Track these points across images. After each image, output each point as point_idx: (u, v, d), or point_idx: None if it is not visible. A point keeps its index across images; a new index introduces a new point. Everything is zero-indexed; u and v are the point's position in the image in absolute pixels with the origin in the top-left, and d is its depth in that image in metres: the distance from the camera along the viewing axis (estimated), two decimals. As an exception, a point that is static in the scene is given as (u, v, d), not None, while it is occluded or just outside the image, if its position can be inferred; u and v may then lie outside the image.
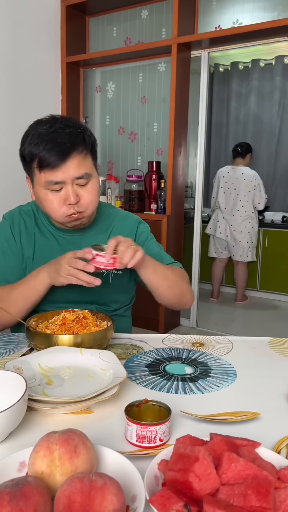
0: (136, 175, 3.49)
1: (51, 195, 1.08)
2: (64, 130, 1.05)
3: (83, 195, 1.10)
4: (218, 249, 4.24)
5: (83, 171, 1.07)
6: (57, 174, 1.05)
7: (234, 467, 0.52)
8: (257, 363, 1.01)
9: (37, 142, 1.04)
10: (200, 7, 3.25)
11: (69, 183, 1.07)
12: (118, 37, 3.67)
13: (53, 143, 1.03)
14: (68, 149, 1.04)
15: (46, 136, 1.04)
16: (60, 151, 1.03)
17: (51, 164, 1.04)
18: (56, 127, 1.05)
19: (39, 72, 3.46)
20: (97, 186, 1.13)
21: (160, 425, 0.66)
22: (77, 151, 1.06)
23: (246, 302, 4.34)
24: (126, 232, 1.27)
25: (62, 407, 0.74)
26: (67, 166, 1.05)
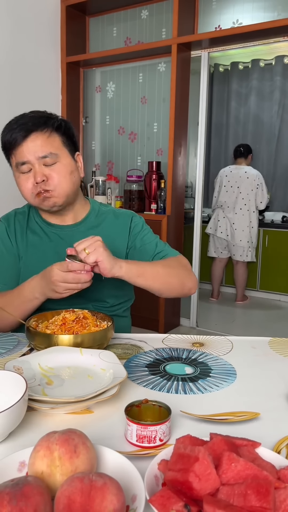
0: (136, 175, 3.49)
1: (22, 177, 1.14)
2: (28, 115, 1.14)
3: (50, 174, 1.13)
4: (218, 249, 4.24)
5: (47, 150, 1.11)
6: (22, 154, 1.10)
7: (234, 467, 0.52)
8: (257, 363, 1.01)
9: (6, 129, 1.13)
10: (200, 7, 3.25)
11: (35, 162, 1.11)
12: (118, 37, 3.67)
13: (17, 125, 1.11)
14: (29, 127, 1.10)
15: (14, 121, 1.13)
16: (21, 129, 1.10)
17: (13, 142, 1.11)
18: (24, 114, 1.14)
19: (39, 72, 3.46)
20: (66, 169, 1.15)
21: (160, 425, 0.66)
22: (39, 130, 1.11)
23: (246, 302, 4.34)
24: (118, 229, 1.29)
25: (62, 407, 0.74)
26: (28, 144, 1.10)
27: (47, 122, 1.13)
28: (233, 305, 4.30)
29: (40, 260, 1.20)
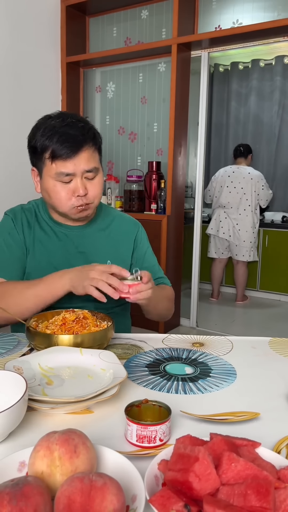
0: (136, 175, 3.49)
1: (60, 187, 1.12)
2: (77, 124, 1.11)
3: (90, 188, 1.14)
4: (219, 250, 4.23)
5: (92, 164, 1.12)
6: (69, 166, 1.09)
7: (234, 467, 0.52)
8: (257, 363, 1.01)
9: (50, 134, 1.09)
10: (200, 7, 3.25)
11: (79, 175, 1.11)
12: (118, 37, 3.67)
13: (66, 136, 1.08)
14: (81, 142, 1.09)
15: (60, 129, 1.09)
16: (73, 143, 1.08)
17: (63, 156, 1.08)
18: (68, 121, 1.11)
19: (39, 72, 3.46)
20: (102, 181, 1.19)
21: (160, 425, 0.66)
22: (88, 145, 1.11)
23: (246, 302, 4.34)
24: (124, 234, 1.31)
25: (62, 407, 0.74)
26: (79, 158, 1.09)
27: (95, 136, 1.14)
28: (233, 305, 4.30)
29: (47, 258, 1.22)
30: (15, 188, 3.25)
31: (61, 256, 1.22)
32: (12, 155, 3.28)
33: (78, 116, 1.16)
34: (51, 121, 1.11)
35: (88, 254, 1.24)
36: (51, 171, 1.11)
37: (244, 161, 4.07)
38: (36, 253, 1.22)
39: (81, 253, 1.24)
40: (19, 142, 3.39)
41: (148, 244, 1.37)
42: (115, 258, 1.26)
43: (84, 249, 1.25)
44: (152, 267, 1.34)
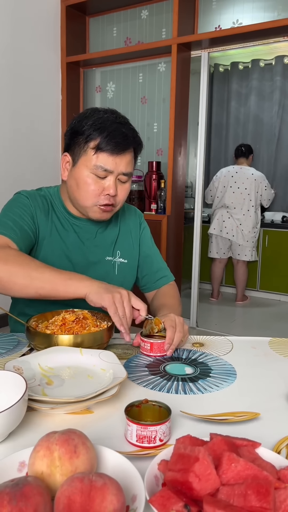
0: (136, 175, 3.49)
1: (93, 180, 1.11)
2: (129, 125, 1.12)
3: (119, 191, 1.14)
4: (220, 250, 4.23)
5: (130, 169, 1.13)
6: (111, 162, 1.09)
7: (234, 467, 0.52)
8: (257, 363, 1.01)
9: (101, 126, 1.07)
10: (200, 7, 3.25)
11: (115, 175, 1.11)
12: (118, 37, 3.67)
13: (119, 132, 1.08)
14: (129, 143, 1.10)
15: (113, 124, 1.08)
16: (123, 140, 1.08)
17: (109, 150, 1.07)
18: (121, 120, 1.11)
19: (39, 72, 3.46)
20: (129, 188, 1.19)
21: (160, 425, 0.66)
22: (132, 149, 1.12)
23: (246, 302, 4.34)
24: (132, 220, 1.35)
25: (62, 407, 0.74)
26: (122, 158, 1.09)
27: (140, 142, 1.14)
28: (233, 305, 4.30)
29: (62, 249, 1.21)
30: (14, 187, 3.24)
31: (76, 249, 1.22)
32: (12, 154, 3.28)
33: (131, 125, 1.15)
34: (103, 113, 1.10)
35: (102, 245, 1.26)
36: (90, 162, 1.09)
37: (245, 161, 4.07)
38: (53, 242, 1.19)
39: (96, 246, 1.25)
40: (19, 142, 3.41)
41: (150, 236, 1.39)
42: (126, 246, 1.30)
43: (98, 242, 1.26)
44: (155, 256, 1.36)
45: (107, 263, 1.26)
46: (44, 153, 3.52)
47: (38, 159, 3.45)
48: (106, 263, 1.26)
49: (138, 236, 1.34)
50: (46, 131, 3.53)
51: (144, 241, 1.36)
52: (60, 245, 1.21)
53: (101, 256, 1.26)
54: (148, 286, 1.37)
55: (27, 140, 3.39)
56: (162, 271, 1.37)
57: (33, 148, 3.42)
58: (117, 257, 1.28)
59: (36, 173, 3.39)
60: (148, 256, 1.35)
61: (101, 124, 1.08)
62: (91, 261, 1.24)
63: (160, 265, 1.37)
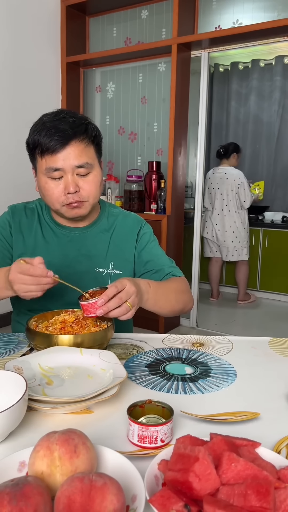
0: (136, 175, 3.49)
1: (51, 183, 1.10)
2: (67, 119, 1.08)
3: (83, 185, 1.11)
4: (212, 249, 4.25)
5: (83, 160, 1.08)
6: (57, 161, 1.06)
7: (234, 467, 0.52)
8: (257, 363, 1.01)
9: (40, 129, 1.07)
10: (200, 7, 3.25)
11: (69, 171, 1.08)
12: (118, 37, 3.67)
13: (55, 129, 1.06)
14: (69, 135, 1.06)
15: (49, 123, 1.07)
16: (61, 136, 1.05)
17: (50, 149, 1.06)
18: (61, 116, 1.08)
19: (39, 72, 3.46)
20: (98, 179, 1.14)
21: (162, 426, 0.66)
22: (78, 139, 1.07)
23: (249, 301, 4.31)
24: (128, 231, 1.28)
25: (62, 407, 0.74)
26: (67, 152, 1.06)
27: (87, 130, 1.10)
28: (233, 305, 4.30)
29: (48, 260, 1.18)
30: (14, 188, 3.24)
31: (63, 259, 1.21)
32: (12, 155, 3.28)
33: (75, 113, 1.13)
34: (44, 117, 1.10)
35: (91, 256, 1.23)
36: (42, 167, 1.09)
37: (227, 161, 4.03)
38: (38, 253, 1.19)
39: (84, 256, 1.22)
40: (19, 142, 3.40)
41: (152, 238, 1.31)
42: (119, 258, 1.25)
43: (87, 252, 1.23)
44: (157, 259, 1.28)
45: (98, 275, 1.23)
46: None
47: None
48: (96, 274, 1.22)
49: (134, 246, 1.27)
50: (46, 131, 3.54)
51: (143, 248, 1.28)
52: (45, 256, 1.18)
53: (89, 267, 1.22)
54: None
55: (27, 140, 3.39)
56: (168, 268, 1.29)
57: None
58: (111, 268, 1.24)
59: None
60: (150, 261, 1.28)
61: (40, 127, 1.08)
62: (79, 271, 1.20)
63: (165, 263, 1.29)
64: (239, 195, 3.96)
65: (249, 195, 3.96)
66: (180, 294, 1.23)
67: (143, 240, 1.29)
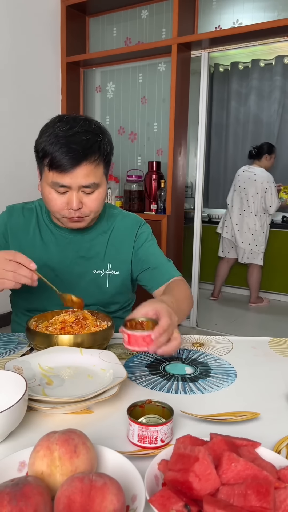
0: (136, 175, 3.49)
1: (55, 195, 1.09)
2: (81, 136, 1.04)
3: (86, 202, 1.10)
4: (225, 249, 4.22)
5: (91, 180, 1.07)
6: (65, 179, 1.05)
7: (234, 467, 0.52)
8: (257, 363, 1.01)
9: (53, 142, 1.04)
10: (200, 7, 3.25)
11: (75, 189, 1.07)
12: (118, 37, 3.67)
13: (67, 147, 1.03)
14: (81, 156, 1.03)
15: (62, 139, 1.03)
16: (72, 156, 1.03)
17: (60, 167, 1.04)
18: (75, 131, 1.04)
19: (39, 72, 3.46)
20: (102, 196, 1.14)
21: (162, 426, 0.66)
22: (89, 160, 1.05)
23: (261, 304, 4.24)
24: (126, 232, 1.27)
25: (62, 407, 0.74)
26: (76, 173, 1.05)
27: (99, 149, 1.07)
28: (233, 305, 4.30)
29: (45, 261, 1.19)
30: (15, 188, 3.24)
31: (60, 261, 1.21)
32: (13, 154, 3.28)
33: (91, 124, 1.08)
34: (58, 126, 1.05)
35: (89, 258, 1.23)
36: (48, 179, 1.08)
37: (258, 162, 3.97)
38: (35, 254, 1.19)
39: (82, 258, 1.22)
40: (20, 142, 3.41)
41: (149, 238, 1.30)
42: (117, 259, 1.25)
43: (85, 254, 1.23)
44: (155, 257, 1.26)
45: (95, 276, 1.22)
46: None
47: (38, 159, 3.45)
48: (94, 276, 1.22)
49: (132, 246, 1.26)
50: (46, 131, 3.54)
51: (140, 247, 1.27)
52: (43, 257, 1.19)
53: (87, 268, 1.22)
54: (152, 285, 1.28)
55: (27, 140, 3.38)
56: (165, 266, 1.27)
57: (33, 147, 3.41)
58: (108, 269, 1.24)
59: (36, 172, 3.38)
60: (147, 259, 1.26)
61: (53, 138, 1.04)
62: (76, 273, 1.21)
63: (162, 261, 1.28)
64: (265, 200, 3.89)
65: (276, 201, 3.89)
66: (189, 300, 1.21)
67: (140, 238, 1.28)
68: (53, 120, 1.09)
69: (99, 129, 1.10)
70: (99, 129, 1.10)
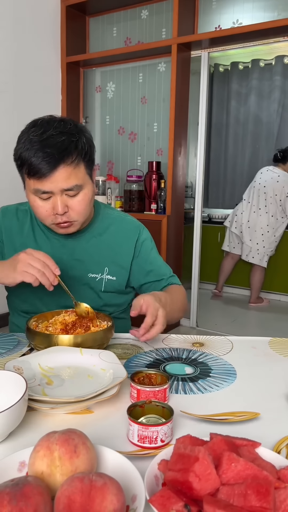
0: (136, 175, 3.49)
1: (40, 202, 1.07)
2: (56, 139, 1.01)
3: (72, 205, 1.07)
4: (230, 243, 4.21)
5: (72, 182, 1.04)
6: (45, 184, 1.02)
7: (234, 467, 0.52)
8: (257, 363, 1.01)
9: (28, 147, 1.01)
10: (200, 7, 3.25)
11: (58, 193, 1.04)
12: (118, 37, 3.67)
13: (42, 152, 0.99)
14: (57, 160, 1.00)
15: (37, 144, 1.00)
16: (48, 161, 0.99)
17: (38, 173, 1.01)
18: (49, 134, 1.01)
19: (39, 72, 3.46)
20: (88, 197, 1.10)
21: (162, 426, 0.66)
22: (67, 162, 1.01)
23: (261, 304, 4.24)
24: (124, 237, 1.25)
25: (62, 407, 0.74)
26: (55, 177, 1.01)
27: (76, 148, 1.03)
28: (233, 305, 4.30)
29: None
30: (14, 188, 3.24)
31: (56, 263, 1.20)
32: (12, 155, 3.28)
33: (66, 125, 1.04)
34: (32, 131, 1.02)
35: (84, 261, 1.21)
36: (30, 186, 1.05)
37: (283, 166, 3.93)
38: None
39: (77, 261, 1.21)
40: (19, 142, 3.40)
41: (152, 246, 1.30)
42: (114, 264, 1.23)
43: (80, 257, 1.21)
44: (159, 268, 1.28)
45: (91, 280, 1.21)
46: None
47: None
48: (89, 279, 1.21)
49: (132, 254, 1.25)
50: (46, 131, 3.54)
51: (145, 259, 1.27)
52: None
53: (83, 271, 1.21)
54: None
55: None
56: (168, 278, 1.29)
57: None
58: (105, 273, 1.22)
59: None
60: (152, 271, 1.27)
61: (27, 145, 1.01)
62: (71, 276, 1.19)
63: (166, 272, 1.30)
64: (285, 204, 3.87)
65: None
66: (183, 303, 1.26)
67: (144, 248, 1.27)
68: (28, 126, 1.06)
69: (75, 127, 1.06)
70: (75, 127, 1.05)
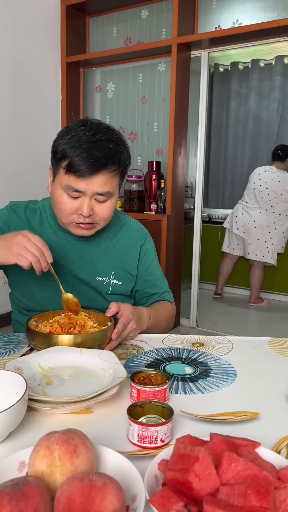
0: (136, 175, 3.49)
1: (67, 199, 1.07)
2: (104, 144, 1.03)
3: (97, 210, 1.09)
4: (230, 245, 4.20)
5: (106, 189, 1.06)
6: (81, 184, 1.04)
7: (234, 467, 0.52)
8: (257, 363, 1.01)
9: (75, 145, 1.02)
10: (200, 7, 3.25)
11: (88, 195, 1.06)
12: (118, 37, 3.67)
13: (89, 153, 1.01)
14: (101, 164, 1.03)
15: (85, 144, 1.02)
16: (92, 163, 1.02)
17: (79, 172, 1.02)
18: (98, 138, 1.03)
19: (39, 72, 3.47)
20: (113, 205, 1.13)
21: (162, 426, 0.66)
22: (109, 169, 1.04)
23: (261, 304, 4.24)
24: (131, 243, 1.28)
25: (62, 407, 0.74)
26: (93, 180, 1.04)
27: (119, 160, 1.06)
28: (233, 305, 4.30)
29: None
30: (14, 188, 3.25)
31: (64, 264, 1.19)
32: (12, 154, 3.28)
33: (113, 134, 1.07)
34: (81, 130, 1.03)
35: (93, 263, 1.22)
36: (62, 181, 1.06)
37: (281, 165, 3.94)
38: None
39: (87, 263, 1.21)
40: (19, 142, 3.41)
41: (154, 256, 1.33)
42: (120, 269, 1.24)
43: (89, 259, 1.21)
44: (156, 280, 1.31)
45: (98, 283, 1.22)
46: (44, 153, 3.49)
47: (38, 159, 3.45)
48: (97, 282, 1.22)
49: (137, 260, 1.28)
50: (46, 131, 3.53)
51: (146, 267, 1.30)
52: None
53: (91, 274, 1.21)
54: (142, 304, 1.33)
55: (27, 140, 3.39)
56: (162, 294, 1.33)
57: (33, 147, 3.42)
58: (112, 278, 1.23)
59: (35, 172, 3.39)
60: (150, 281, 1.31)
61: (74, 142, 1.02)
62: (78, 277, 1.20)
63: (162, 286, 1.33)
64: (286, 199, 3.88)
65: None
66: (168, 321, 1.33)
67: (147, 257, 1.30)
68: (76, 124, 1.07)
69: (121, 140, 1.09)
70: (120, 140, 1.09)
